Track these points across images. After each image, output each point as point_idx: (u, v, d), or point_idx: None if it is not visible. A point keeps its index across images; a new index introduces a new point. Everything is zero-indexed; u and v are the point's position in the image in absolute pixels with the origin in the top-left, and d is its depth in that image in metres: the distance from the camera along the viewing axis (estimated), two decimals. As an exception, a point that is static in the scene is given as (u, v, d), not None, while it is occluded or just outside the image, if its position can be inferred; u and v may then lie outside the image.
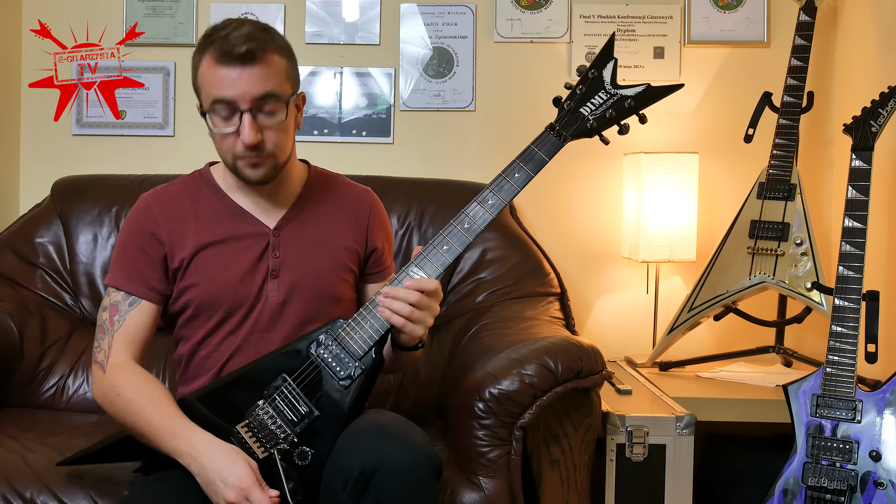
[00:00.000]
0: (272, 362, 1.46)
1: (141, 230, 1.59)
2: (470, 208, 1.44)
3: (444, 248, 1.42)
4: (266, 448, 1.42)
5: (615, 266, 2.63)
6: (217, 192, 1.62)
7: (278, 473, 1.39)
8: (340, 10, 2.62)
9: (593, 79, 1.44)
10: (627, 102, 1.43)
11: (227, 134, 1.48)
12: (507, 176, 1.44)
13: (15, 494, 1.59)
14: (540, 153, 1.44)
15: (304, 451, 1.41)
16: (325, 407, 1.42)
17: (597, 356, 1.73)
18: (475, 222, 1.43)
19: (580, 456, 1.77)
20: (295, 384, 1.43)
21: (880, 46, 2.33)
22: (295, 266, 1.58)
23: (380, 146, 2.63)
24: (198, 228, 1.59)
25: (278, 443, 1.42)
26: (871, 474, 1.73)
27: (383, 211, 1.73)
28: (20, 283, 2.28)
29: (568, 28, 2.61)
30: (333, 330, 1.44)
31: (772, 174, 2.26)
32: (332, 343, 1.43)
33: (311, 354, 1.44)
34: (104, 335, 1.55)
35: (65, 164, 2.56)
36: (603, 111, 1.43)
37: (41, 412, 2.10)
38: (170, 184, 1.67)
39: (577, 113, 1.44)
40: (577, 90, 1.45)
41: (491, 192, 1.44)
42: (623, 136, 1.47)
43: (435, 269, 1.42)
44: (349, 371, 1.42)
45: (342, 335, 1.43)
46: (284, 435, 1.42)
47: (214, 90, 1.47)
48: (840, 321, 1.78)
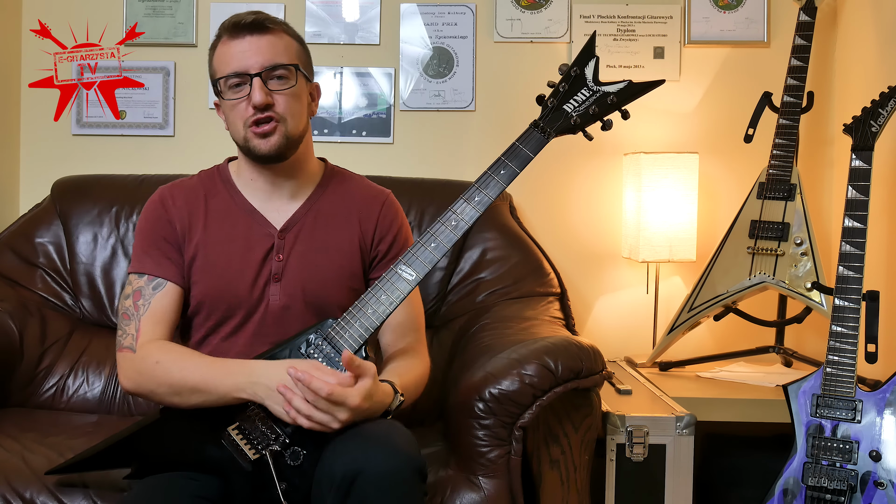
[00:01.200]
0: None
1: (158, 218, 1.60)
2: (457, 206, 1.45)
3: (431, 245, 1.43)
4: (257, 450, 1.42)
5: (615, 266, 2.63)
6: (230, 188, 1.63)
7: (270, 474, 1.39)
8: (340, 10, 2.62)
9: (576, 76, 1.46)
10: (610, 99, 1.44)
11: (237, 101, 1.51)
12: (493, 172, 1.45)
13: (15, 494, 1.59)
14: (525, 150, 1.46)
15: (296, 451, 1.41)
16: None
17: (597, 356, 1.73)
18: (462, 219, 1.44)
19: (580, 456, 1.77)
20: None
21: (880, 46, 2.33)
22: (298, 271, 1.57)
23: (380, 146, 2.63)
24: (206, 224, 1.59)
25: (269, 444, 1.41)
26: (871, 474, 1.73)
27: (397, 213, 1.70)
28: (20, 283, 2.28)
29: (568, 28, 2.61)
30: (323, 329, 1.44)
31: (772, 174, 2.26)
32: (322, 343, 1.43)
33: (302, 355, 1.43)
34: (129, 321, 1.54)
35: (65, 164, 2.56)
36: (586, 108, 1.45)
37: (41, 412, 2.10)
38: (188, 178, 1.69)
39: (561, 110, 1.46)
40: (559, 88, 1.47)
41: (477, 189, 1.45)
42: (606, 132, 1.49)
43: (423, 267, 1.43)
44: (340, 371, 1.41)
45: (332, 335, 1.43)
46: (276, 436, 1.41)
47: (227, 66, 1.52)
48: (840, 321, 1.78)
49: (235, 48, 1.51)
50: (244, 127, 1.52)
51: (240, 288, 1.56)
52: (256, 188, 1.61)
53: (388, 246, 1.66)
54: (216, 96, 1.58)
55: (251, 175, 1.61)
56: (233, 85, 1.52)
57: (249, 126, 1.51)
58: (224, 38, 1.53)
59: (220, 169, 1.67)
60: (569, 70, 1.47)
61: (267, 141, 1.52)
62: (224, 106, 1.56)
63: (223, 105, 1.57)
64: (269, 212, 1.60)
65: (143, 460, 1.47)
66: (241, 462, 1.42)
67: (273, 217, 1.60)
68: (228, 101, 1.53)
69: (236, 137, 1.56)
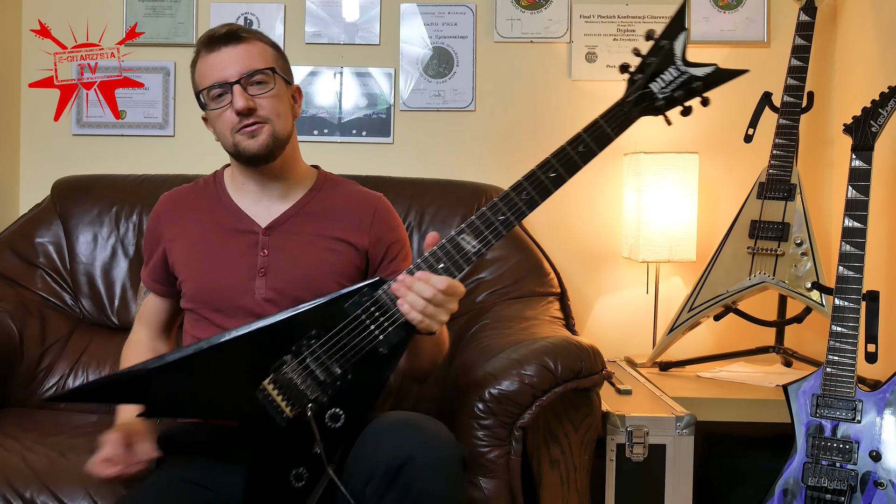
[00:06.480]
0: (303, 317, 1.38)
1: (149, 228, 1.72)
2: (532, 176, 1.34)
3: (500, 217, 1.37)
4: (294, 407, 1.35)
5: (615, 266, 2.63)
6: (221, 192, 1.67)
7: (311, 432, 1.33)
8: (340, 10, 2.62)
9: (665, 51, 1.28)
10: (696, 84, 1.30)
11: (221, 109, 1.55)
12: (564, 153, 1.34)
13: (15, 494, 1.59)
14: (607, 129, 1.31)
15: (336, 412, 1.36)
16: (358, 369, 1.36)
17: (596, 356, 1.73)
18: (538, 189, 1.37)
19: (580, 456, 1.77)
20: (328, 343, 1.36)
21: (880, 46, 2.32)
22: (283, 265, 1.58)
23: (380, 146, 2.63)
24: (194, 225, 1.64)
25: (308, 402, 1.35)
26: (871, 474, 1.73)
27: (391, 215, 1.69)
28: (20, 283, 2.28)
29: (568, 28, 2.61)
30: (374, 289, 1.36)
31: (772, 174, 2.26)
32: (370, 303, 1.37)
33: (349, 314, 1.36)
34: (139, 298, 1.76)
35: (65, 164, 2.56)
36: (672, 90, 1.30)
37: (41, 412, 2.10)
38: (189, 184, 1.74)
39: (647, 90, 1.30)
40: (647, 61, 1.30)
41: (546, 171, 1.35)
42: (685, 117, 1.33)
43: (485, 242, 1.35)
44: (388, 335, 1.36)
45: (383, 297, 1.37)
46: (315, 395, 1.36)
47: (207, 78, 1.55)
48: (840, 321, 1.78)
49: (213, 60, 1.54)
50: (231, 133, 1.55)
51: (226, 283, 1.58)
52: (247, 191, 1.64)
53: (385, 250, 1.65)
54: (202, 110, 1.61)
55: (242, 179, 1.65)
56: (215, 96, 1.55)
57: (237, 132, 1.55)
58: (202, 52, 1.57)
59: (217, 175, 1.72)
60: (657, 42, 1.29)
61: (255, 140, 1.54)
62: (210, 117, 1.59)
63: (210, 117, 1.60)
64: (258, 212, 1.62)
65: (162, 399, 1.36)
66: (277, 418, 1.35)
67: (261, 217, 1.62)
68: (213, 111, 1.56)
69: (226, 146, 1.59)
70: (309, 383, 1.36)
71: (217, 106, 1.55)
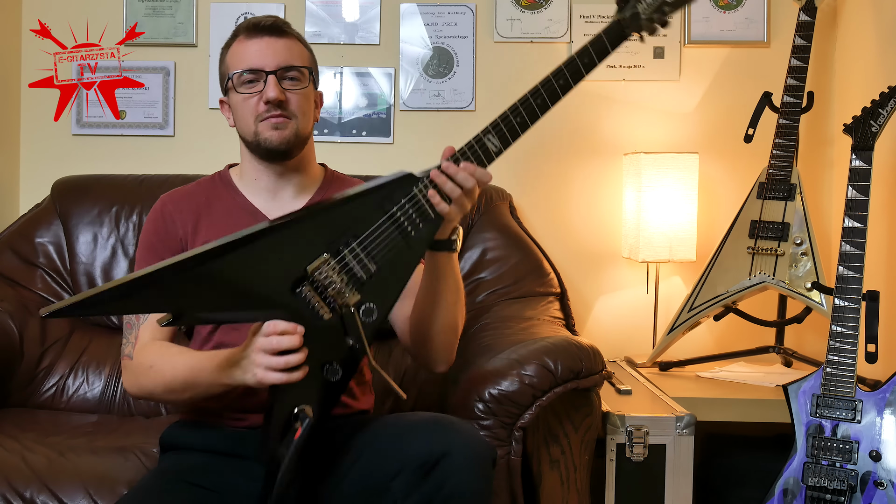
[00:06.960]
0: (340, 215, 1.35)
1: (156, 230, 1.62)
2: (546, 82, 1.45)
3: (518, 120, 1.49)
4: (331, 307, 1.34)
5: (615, 266, 2.63)
6: (232, 191, 1.65)
7: (354, 324, 1.34)
8: (340, 10, 2.62)
9: None
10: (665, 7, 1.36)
11: (250, 95, 1.54)
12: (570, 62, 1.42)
13: (15, 494, 1.59)
14: (606, 41, 1.40)
15: (369, 307, 1.36)
16: (392, 265, 1.36)
17: (596, 356, 1.73)
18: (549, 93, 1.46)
19: (580, 456, 1.77)
20: (367, 241, 1.34)
21: (880, 46, 2.32)
22: None
23: (380, 146, 2.63)
24: (209, 224, 1.61)
25: (346, 300, 1.33)
26: (871, 474, 1.73)
27: None
28: (20, 283, 2.28)
29: (568, 28, 2.61)
30: (405, 183, 1.37)
31: (772, 174, 2.26)
32: (407, 203, 1.36)
33: (387, 210, 1.35)
34: (131, 330, 1.56)
35: (65, 164, 2.56)
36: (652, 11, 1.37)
37: (41, 412, 2.10)
38: (189, 184, 1.71)
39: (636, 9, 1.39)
40: None
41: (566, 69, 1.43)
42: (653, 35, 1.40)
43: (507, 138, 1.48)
44: (420, 233, 1.36)
45: (419, 196, 1.36)
46: (351, 292, 1.34)
47: (242, 62, 1.55)
48: (840, 321, 1.78)
49: (252, 47, 1.55)
50: (255, 122, 1.55)
51: None
52: (260, 188, 1.63)
53: None
54: (223, 94, 1.62)
55: (255, 174, 1.63)
56: (246, 80, 1.55)
57: (261, 120, 1.54)
58: (241, 36, 1.58)
59: (221, 174, 1.70)
60: None
61: (279, 133, 1.54)
62: (234, 101, 1.58)
63: (232, 100, 1.59)
64: (272, 210, 1.61)
65: (194, 298, 1.28)
66: (316, 315, 1.33)
67: (275, 215, 1.60)
68: (240, 94, 1.56)
69: (245, 133, 1.58)
70: (346, 280, 1.34)
71: (246, 91, 1.55)
